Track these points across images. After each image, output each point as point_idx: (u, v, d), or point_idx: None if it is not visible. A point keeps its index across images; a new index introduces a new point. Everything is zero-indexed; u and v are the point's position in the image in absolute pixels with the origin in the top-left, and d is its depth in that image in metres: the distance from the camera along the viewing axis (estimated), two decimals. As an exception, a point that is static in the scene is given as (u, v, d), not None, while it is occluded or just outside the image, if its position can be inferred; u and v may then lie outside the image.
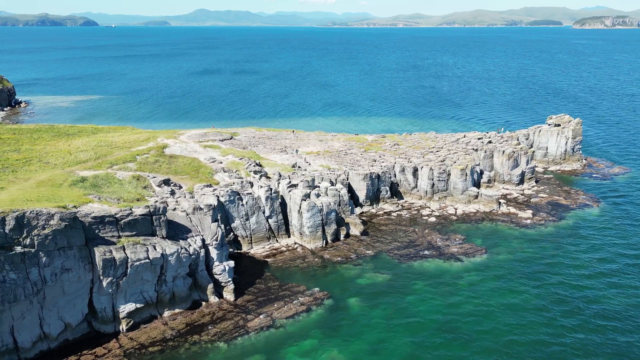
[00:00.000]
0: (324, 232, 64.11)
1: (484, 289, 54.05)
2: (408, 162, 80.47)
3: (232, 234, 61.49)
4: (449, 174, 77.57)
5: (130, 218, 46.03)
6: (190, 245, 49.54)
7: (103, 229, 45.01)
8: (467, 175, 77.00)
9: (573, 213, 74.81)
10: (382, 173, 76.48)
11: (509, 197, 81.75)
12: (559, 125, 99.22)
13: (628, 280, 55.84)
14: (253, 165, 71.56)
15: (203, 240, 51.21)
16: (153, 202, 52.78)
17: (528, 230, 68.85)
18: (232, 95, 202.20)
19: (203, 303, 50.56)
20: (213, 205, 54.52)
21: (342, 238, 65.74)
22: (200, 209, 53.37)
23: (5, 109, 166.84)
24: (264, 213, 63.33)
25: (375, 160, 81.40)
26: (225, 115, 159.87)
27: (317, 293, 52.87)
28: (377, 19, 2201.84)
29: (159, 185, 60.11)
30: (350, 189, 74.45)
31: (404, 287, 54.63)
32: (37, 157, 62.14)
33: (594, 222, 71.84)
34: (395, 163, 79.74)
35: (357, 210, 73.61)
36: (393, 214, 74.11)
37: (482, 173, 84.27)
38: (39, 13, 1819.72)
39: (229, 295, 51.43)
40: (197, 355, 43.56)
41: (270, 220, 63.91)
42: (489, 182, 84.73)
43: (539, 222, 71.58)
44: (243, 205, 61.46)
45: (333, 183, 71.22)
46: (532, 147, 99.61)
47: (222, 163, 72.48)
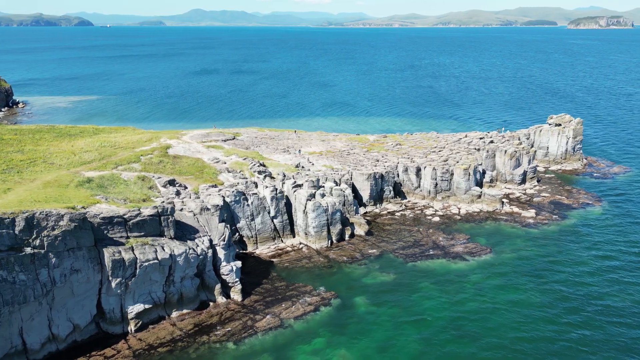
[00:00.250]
0: (329, 232, 64.19)
1: (490, 287, 54.44)
2: (411, 162, 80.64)
3: (237, 234, 61.48)
4: (452, 174, 77.79)
5: (139, 219, 45.95)
6: (198, 246, 49.50)
7: (112, 230, 44.91)
8: (470, 175, 77.26)
9: (575, 212, 75.25)
10: (385, 173, 76.62)
11: (512, 196, 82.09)
12: (560, 125, 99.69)
13: (631, 278, 56.47)
14: (257, 166, 71.54)
15: (210, 241, 51.17)
16: (159, 202, 52.67)
17: (532, 230, 69.20)
18: (230, 95, 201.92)
19: (211, 303, 50.54)
20: (220, 206, 54.49)
21: (347, 238, 65.85)
22: (208, 209, 53.33)
23: (3, 110, 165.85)
24: (269, 213, 63.33)
25: (378, 160, 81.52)
26: (224, 115, 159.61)
27: (324, 293, 53.00)
28: (372, 19, 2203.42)
29: (164, 186, 60.02)
30: (354, 189, 74.50)
31: (410, 285, 54.88)
32: (41, 157, 61.89)
33: (597, 221, 72.31)
34: (398, 163, 79.88)
35: (360, 210, 73.74)
36: (397, 214, 74.27)
37: (484, 173, 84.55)
38: (33, 13, 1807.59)
39: (237, 296, 51.43)
40: (206, 356, 43.57)
41: (276, 221, 63.93)
42: (491, 181, 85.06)
43: (542, 221, 71.96)
44: (248, 206, 61.45)
45: (337, 183, 71.30)
46: (533, 146, 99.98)
47: (225, 163, 72.42)
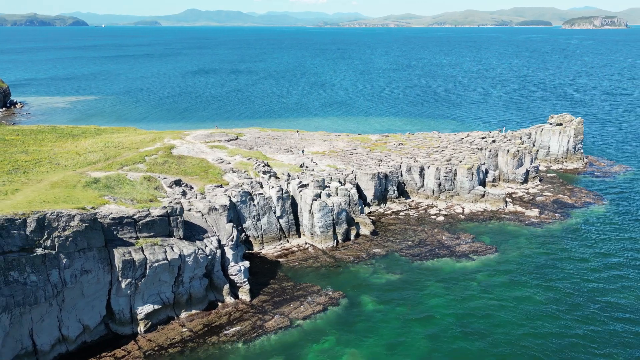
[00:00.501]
0: (335, 231, 64.27)
1: (496, 285, 54.86)
2: (414, 161, 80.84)
3: (243, 234, 61.45)
4: (456, 173, 78.05)
5: (148, 219, 45.88)
6: (207, 246, 49.47)
7: (121, 230, 44.82)
8: (473, 175, 77.54)
9: (578, 211, 75.69)
10: (389, 173, 76.79)
11: (515, 195, 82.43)
12: (561, 125, 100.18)
13: (634, 274, 57.18)
14: (262, 166, 71.54)
15: (219, 241, 51.15)
16: (167, 202, 52.57)
17: (535, 228, 69.55)
18: (229, 95, 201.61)
19: (219, 304, 50.52)
20: (227, 206, 54.46)
21: (352, 238, 65.95)
22: (215, 210, 53.29)
23: (1, 110, 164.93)
24: (275, 213, 63.35)
25: (382, 160, 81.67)
26: (224, 115, 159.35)
27: (331, 292, 53.10)
28: (368, 19, 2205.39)
29: (170, 186, 59.91)
30: (358, 189, 74.60)
31: (417, 284, 55.11)
32: (46, 158, 61.64)
33: (599, 219, 72.78)
34: (402, 163, 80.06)
35: (365, 210, 73.84)
36: (401, 214, 74.45)
37: (487, 172, 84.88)
38: (28, 13, 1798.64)
39: (245, 296, 51.43)
40: (216, 356, 43.57)
41: (282, 221, 63.95)
42: (494, 181, 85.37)
43: (546, 220, 72.34)
44: (255, 206, 61.44)
45: (342, 183, 71.40)
46: (534, 146, 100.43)
47: (230, 163, 72.36)
